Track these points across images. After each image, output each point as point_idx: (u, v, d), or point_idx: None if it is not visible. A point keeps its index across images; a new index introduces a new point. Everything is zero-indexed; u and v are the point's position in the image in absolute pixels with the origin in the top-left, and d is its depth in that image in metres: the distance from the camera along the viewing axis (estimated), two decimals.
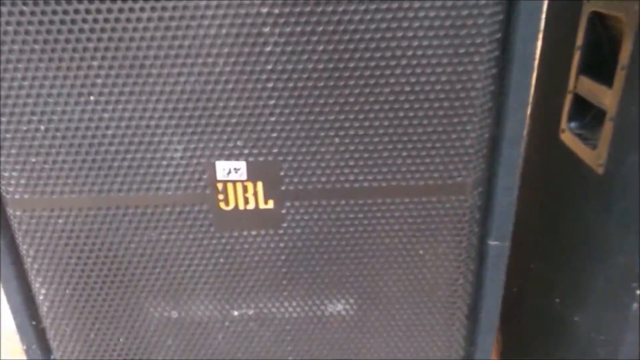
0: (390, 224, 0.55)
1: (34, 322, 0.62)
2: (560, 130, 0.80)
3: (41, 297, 0.59)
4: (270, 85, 0.48)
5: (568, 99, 0.78)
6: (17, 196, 0.53)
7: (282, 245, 0.57)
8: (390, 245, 0.57)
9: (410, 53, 0.46)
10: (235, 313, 0.61)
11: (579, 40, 0.73)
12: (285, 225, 0.55)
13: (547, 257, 0.89)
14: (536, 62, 0.49)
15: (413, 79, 0.48)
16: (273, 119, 0.49)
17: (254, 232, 0.56)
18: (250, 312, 0.61)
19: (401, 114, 0.49)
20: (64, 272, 0.57)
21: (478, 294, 0.62)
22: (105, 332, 0.61)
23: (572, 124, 0.77)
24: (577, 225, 0.75)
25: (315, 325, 0.62)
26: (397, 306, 0.61)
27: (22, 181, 0.52)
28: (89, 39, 0.45)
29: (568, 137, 0.77)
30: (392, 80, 0.48)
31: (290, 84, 0.47)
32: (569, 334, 0.81)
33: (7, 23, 0.44)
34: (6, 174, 0.51)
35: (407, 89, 0.48)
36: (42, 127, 0.49)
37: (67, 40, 0.45)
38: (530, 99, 0.50)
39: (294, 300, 0.60)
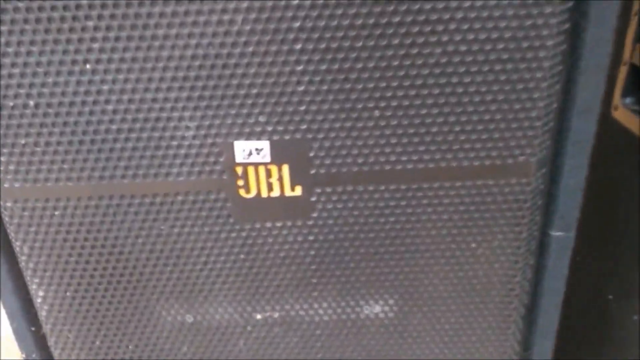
0: (438, 213, 0.47)
1: (33, 328, 0.55)
2: (613, 107, 0.71)
3: (39, 300, 0.52)
4: (298, 46, 0.40)
5: (622, 72, 0.69)
6: (6, 185, 0.46)
7: (311, 238, 0.49)
8: (438, 237, 0.49)
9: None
10: (258, 316, 0.54)
11: (637, 4, 0.64)
12: (315, 215, 0.48)
13: (598, 250, 0.81)
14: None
15: (469, 36, 0.39)
16: (302, 88, 0.41)
17: (278, 224, 0.48)
18: (275, 315, 0.53)
19: (453, 79, 0.41)
20: (63, 271, 0.50)
21: (537, 292, 0.54)
22: (112, 339, 0.54)
23: (628, 100, 0.68)
24: (634, 213, 0.67)
25: (350, 329, 0.54)
26: (444, 308, 0.53)
27: (12, 167, 0.45)
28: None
29: (622, 114, 0.68)
30: (443, 38, 0.39)
31: (322, 45, 0.40)
32: (627, 333, 0.72)
33: None
34: None
35: (462, 47, 0.40)
36: (31, 103, 0.42)
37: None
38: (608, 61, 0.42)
39: (325, 302, 0.53)
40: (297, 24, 0.39)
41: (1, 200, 0.47)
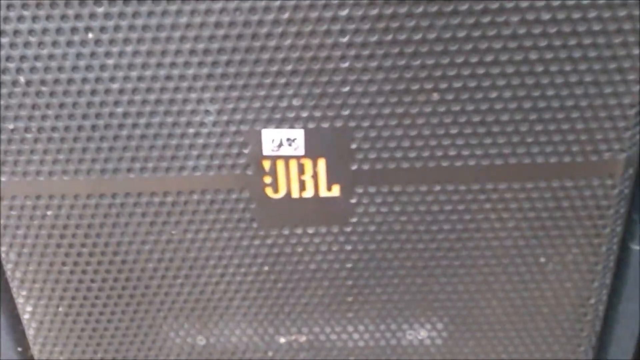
0: (503, 220, 0.40)
1: (19, 349, 0.47)
2: None
3: (26, 317, 0.44)
4: (344, 12, 0.33)
5: None
6: None
7: (349, 248, 0.41)
8: (500, 249, 0.41)
9: None
10: (282, 340, 0.46)
11: None
12: (354, 220, 0.40)
13: None
14: None
15: (552, 4, 0.32)
16: (346, 64, 0.34)
17: (310, 230, 0.41)
18: (302, 339, 0.46)
19: (532, 55, 0.34)
20: (55, 282, 0.42)
21: (610, 318, 0.45)
22: None
23: None
24: None
25: (389, 356, 0.46)
26: (502, 335, 0.45)
27: None
28: None
29: None
30: (521, 4, 0.32)
31: (374, 11, 0.33)
32: None
33: None
34: None
35: (545, 15, 0.33)
36: (22, 79, 0.35)
37: None
38: None
39: (362, 324, 0.45)
40: None
41: None
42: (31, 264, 0.42)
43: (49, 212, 0.40)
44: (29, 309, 0.44)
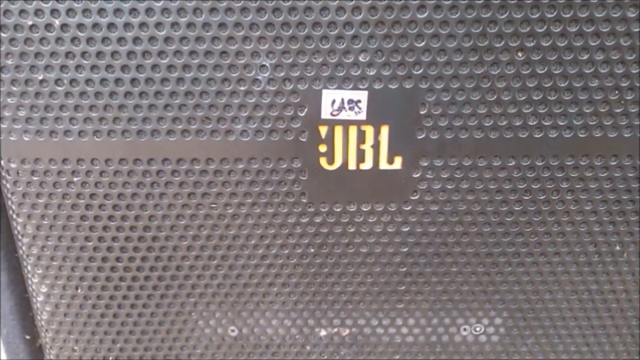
0: (580, 201, 0.36)
1: (27, 337, 0.42)
2: None
3: (40, 299, 0.39)
4: None
5: None
6: (13, 137, 0.34)
7: (406, 229, 0.37)
8: (573, 235, 0.37)
9: None
10: (322, 333, 0.41)
11: None
12: (415, 197, 0.36)
13: None
14: None
15: None
16: (423, 15, 0.31)
17: (365, 207, 0.37)
18: (345, 332, 0.41)
19: (631, 12, 0.30)
20: (76, 260, 0.38)
21: None
22: (132, 354, 0.42)
23: None
24: None
25: (439, 355, 0.42)
26: (565, 332, 0.41)
27: (22, 113, 0.33)
28: None
29: None
30: None
31: None
32: None
33: None
34: None
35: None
36: (57, 22, 0.31)
37: None
38: None
39: (413, 317, 0.41)
40: None
41: (2, 160, 0.35)
42: (51, 238, 0.37)
43: (75, 179, 0.35)
44: (44, 289, 0.39)
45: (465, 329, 0.41)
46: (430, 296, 0.40)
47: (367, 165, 0.35)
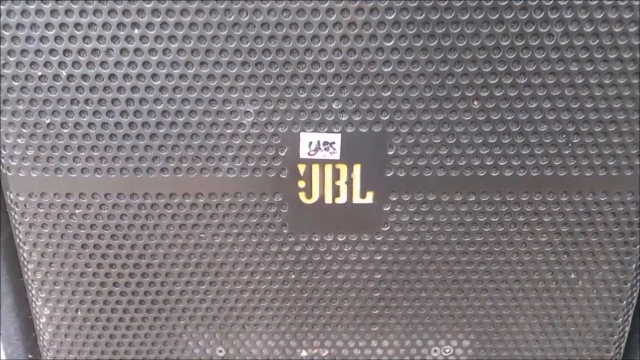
0: (536, 233, 0.39)
1: (30, 356, 0.46)
2: None
3: (43, 321, 0.43)
4: (390, 17, 0.33)
5: None
6: (22, 174, 0.38)
7: (378, 257, 0.41)
8: (532, 264, 0.40)
9: None
10: (304, 354, 0.45)
11: None
12: (386, 229, 0.40)
13: None
14: None
15: (596, 16, 0.33)
16: (389, 69, 0.35)
17: (341, 238, 0.40)
18: (324, 353, 0.45)
19: (573, 67, 0.34)
20: (76, 285, 0.41)
21: (637, 339, 0.45)
22: None
23: None
24: None
25: None
26: (528, 353, 0.44)
27: (30, 152, 0.37)
28: None
29: None
30: (566, 15, 0.33)
31: (420, 16, 0.33)
32: None
33: None
34: (9, 141, 0.37)
35: (588, 27, 0.33)
36: (64, 73, 0.35)
37: None
38: None
39: (386, 339, 0.44)
40: None
41: (11, 193, 0.39)
42: (54, 264, 0.41)
43: (77, 211, 0.39)
44: (47, 312, 0.42)
45: (435, 350, 0.44)
46: (402, 319, 0.43)
47: (342, 199, 0.39)
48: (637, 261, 0.40)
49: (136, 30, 0.34)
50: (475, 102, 0.35)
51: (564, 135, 0.36)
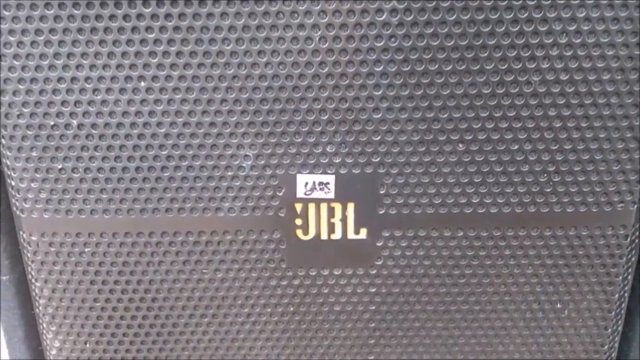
0: (522, 266, 0.41)
1: None
2: None
3: (53, 353, 0.45)
4: (379, 68, 0.36)
5: None
6: (34, 215, 0.40)
7: (373, 290, 0.43)
8: (519, 295, 0.42)
9: (572, 35, 0.35)
10: None
11: None
12: (379, 263, 0.42)
13: None
14: None
15: (573, 62, 0.35)
16: (379, 115, 0.37)
17: (337, 271, 0.42)
18: None
19: (551, 111, 0.37)
20: (85, 319, 0.43)
21: None
22: None
23: None
24: None
25: None
26: None
27: (43, 195, 0.40)
28: (146, 3, 0.34)
29: None
30: (542, 65, 0.35)
31: (406, 67, 0.36)
32: None
33: None
34: (23, 185, 0.39)
35: (563, 76, 0.36)
36: (74, 123, 0.37)
37: (117, 4, 0.34)
38: None
39: None
40: (380, 43, 0.35)
41: (24, 233, 0.41)
42: (64, 299, 0.43)
43: (86, 249, 0.41)
44: (57, 344, 0.44)
45: None
46: (397, 349, 0.45)
47: (337, 235, 0.41)
48: (620, 291, 0.42)
49: (142, 83, 0.36)
50: (460, 145, 0.38)
51: (545, 175, 0.38)
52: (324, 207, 0.40)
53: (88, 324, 0.44)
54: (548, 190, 0.39)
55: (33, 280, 0.43)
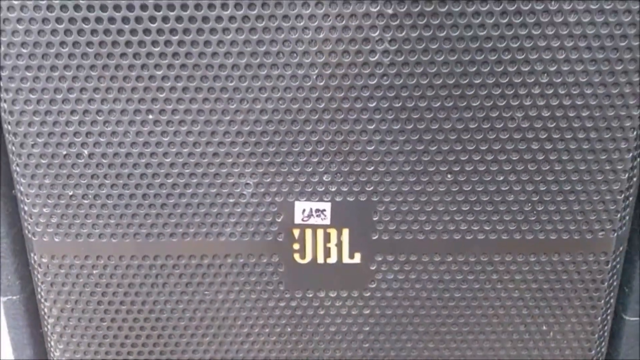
0: (509, 290, 0.43)
1: None
2: None
3: None
4: (372, 104, 0.38)
5: None
6: (45, 239, 0.42)
7: (366, 312, 0.45)
8: (506, 317, 0.44)
9: (552, 75, 0.37)
10: None
11: None
12: (373, 286, 0.44)
13: None
14: None
15: (554, 100, 0.38)
16: (372, 147, 0.39)
17: (332, 294, 0.44)
18: None
19: (534, 145, 0.39)
20: (92, 338, 0.45)
21: None
22: None
23: None
24: None
25: None
26: None
27: (54, 220, 0.42)
28: (154, 42, 0.37)
29: None
30: (525, 102, 0.38)
31: (397, 103, 0.38)
32: None
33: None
34: (35, 210, 0.41)
35: (545, 112, 0.38)
36: (85, 152, 0.40)
37: (128, 43, 0.37)
38: None
39: None
40: (373, 82, 0.37)
41: (35, 255, 0.43)
42: (71, 319, 0.45)
43: (94, 271, 0.43)
44: None
45: None
46: None
47: (332, 259, 0.43)
48: (602, 314, 0.44)
49: (150, 116, 0.39)
50: (449, 175, 0.40)
51: (530, 204, 0.41)
52: (320, 232, 0.42)
53: (94, 342, 0.46)
54: (532, 218, 0.41)
55: (42, 300, 0.45)
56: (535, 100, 0.38)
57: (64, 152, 0.40)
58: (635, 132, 0.39)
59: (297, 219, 0.42)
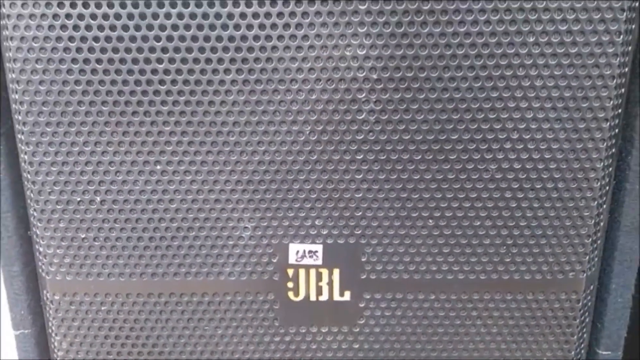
0: (487, 326, 0.47)
1: None
2: None
3: None
4: (359, 157, 0.42)
5: None
6: (58, 277, 0.46)
7: (356, 346, 0.48)
8: (485, 352, 0.48)
9: (522, 121, 0.41)
10: None
11: None
12: (362, 322, 0.47)
13: None
14: None
15: (524, 154, 0.42)
16: (359, 195, 0.43)
17: (324, 329, 0.48)
18: None
19: (507, 194, 0.43)
20: None
21: None
22: None
23: None
24: None
25: None
26: None
27: (67, 260, 0.45)
28: (163, 102, 0.41)
29: None
30: (498, 156, 0.42)
31: (382, 156, 0.42)
32: None
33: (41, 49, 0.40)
34: (49, 251, 0.45)
35: (517, 165, 0.42)
36: (98, 199, 0.43)
37: (139, 103, 0.41)
38: None
39: None
40: (360, 137, 0.41)
41: (48, 292, 0.46)
42: (80, 352, 0.48)
43: (103, 308, 0.46)
44: None
45: None
46: None
47: (324, 297, 0.46)
48: (576, 349, 0.48)
49: (158, 167, 0.43)
50: (431, 221, 0.44)
51: (505, 247, 0.44)
52: (313, 272, 0.46)
53: None
54: (508, 260, 0.45)
55: (53, 334, 0.48)
56: (507, 154, 0.42)
57: (78, 199, 0.43)
58: (599, 183, 0.42)
59: (292, 260, 0.45)
